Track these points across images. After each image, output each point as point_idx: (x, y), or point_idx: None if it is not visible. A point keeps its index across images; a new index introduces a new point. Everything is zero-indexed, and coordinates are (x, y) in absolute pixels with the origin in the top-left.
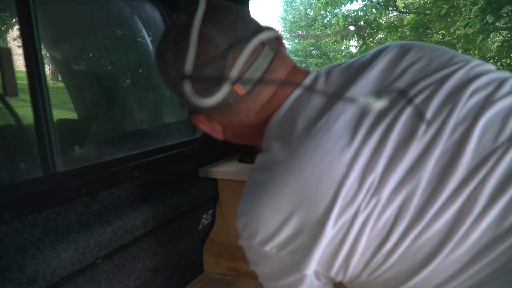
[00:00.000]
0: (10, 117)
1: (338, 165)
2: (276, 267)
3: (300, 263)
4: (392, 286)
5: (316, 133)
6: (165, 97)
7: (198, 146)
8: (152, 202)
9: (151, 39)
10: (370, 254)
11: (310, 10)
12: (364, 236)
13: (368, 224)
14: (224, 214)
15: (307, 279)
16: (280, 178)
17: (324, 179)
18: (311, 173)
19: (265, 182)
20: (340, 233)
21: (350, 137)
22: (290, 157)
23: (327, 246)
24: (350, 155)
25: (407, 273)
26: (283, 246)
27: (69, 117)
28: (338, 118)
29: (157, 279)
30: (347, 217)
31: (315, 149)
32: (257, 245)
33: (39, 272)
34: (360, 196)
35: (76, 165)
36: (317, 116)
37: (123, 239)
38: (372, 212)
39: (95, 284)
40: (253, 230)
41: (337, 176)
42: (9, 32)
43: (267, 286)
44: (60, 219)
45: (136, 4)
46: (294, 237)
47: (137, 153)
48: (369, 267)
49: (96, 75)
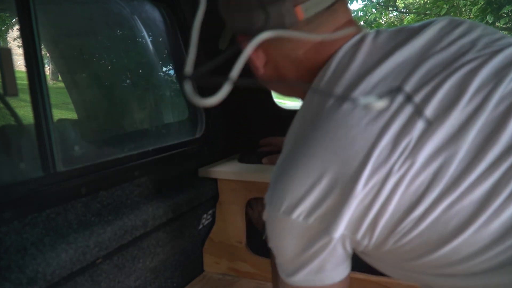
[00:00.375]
0: (10, 117)
1: (373, 127)
2: (303, 236)
3: (329, 226)
4: (418, 256)
5: (355, 96)
6: (165, 97)
7: (198, 146)
8: (152, 202)
9: (151, 39)
10: (399, 218)
11: None
12: (395, 199)
13: (400, 187)
14: (224, 214)
15: (332, 244)
16: (315, 140)
17: (358, 140)
18: (345, 135)
19: (299, 146)
20: (370, 194)
21: (388, 101)
22: (326, 119)
23: (356, 207)
24: (386, 118)
25: (435, 242)
26: (311, 211)
27: (69, 117)
28: (378, 83)
29: (157, 279)
30: (379, 177)
31: (352, 112)
32: (283, 214)
33: (39, 272)
34: (393, 158)
35: (76, 165)
36: (358, 78)
37: (123, 239)
38: (405, 174)
39: (95, 284)
40: (280, 197)
41: (371, 137)
42: (9, 32)
43: (287, 265)
44: (60, 219)
45: (136, 4)
46: (323, 199)
47: (137, 153)
48: (396, 232)
49: (96, 75)
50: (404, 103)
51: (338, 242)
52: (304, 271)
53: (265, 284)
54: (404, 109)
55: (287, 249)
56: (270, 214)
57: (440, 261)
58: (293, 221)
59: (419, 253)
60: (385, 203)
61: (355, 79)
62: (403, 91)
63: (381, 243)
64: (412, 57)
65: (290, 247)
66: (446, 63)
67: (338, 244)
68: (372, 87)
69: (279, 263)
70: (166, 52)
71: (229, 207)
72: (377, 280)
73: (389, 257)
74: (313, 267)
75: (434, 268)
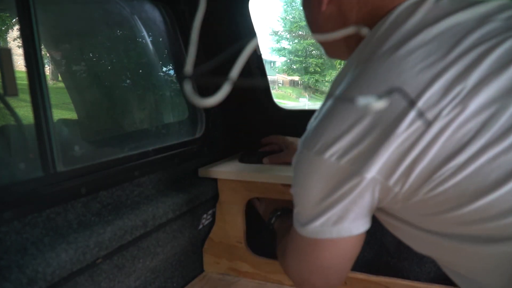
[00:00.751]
0: (10, 117)
1: (426, 74)
2: (331, 177)
3: (361, 167)
4: (449, 209)
5: (411, 45)
6: (165, 97)
7: (198, 146)
8: (152, 202)
9: (151, 39)
10: (438, 164)
11: None
12: (438, 143)
13: (446, 132)
14: (224, 214)
15: (361, 187)
16: (363, 81)
17: (409, 83)
18: (397, 77)
19: (344, 88)
20: (412, 136)
21: (445, 52)
22: (378, 63)
23: (395, 149)
24: (442, 66)
25: (471, 194)
26: (346, 152)
27: (69, 117)
28: (436, 36)
29: (157, 279)
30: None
31: (406, 58)
32: (315, 154)
33: (39, 272)
34: (443, 103)
35: (76, 165)
36: (416, 30)
37: (123, 239)
38: (453, 120)
39: (95, 284)
40: (316, 136)
41: (423, 82)
42: (9, 32)
43: (306, 212)
44: (60, 219)
45: (136, 4)
46: (361, 139)
47: (137, 153)
48: (432, 179)
49: (96, 75)
50: (460, 56)
51: (368, 187)
52: (323, 218)
53: (265, 284)
54: (461, 60)
55: (311, 192)
56: (300, 155)
57: (470, 216)
58: (324, 161)
59: (451, 205)
60: (427, 147)
61: (414, 30)
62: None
63: (413, 192)
64: (473, 19)
65: (316, 189)
66: (507, 28)
67: (367, 189)
68: (429, 40)
69: (296, 212)
70: (166, 52)
71: (229, 207)
72: (377, 280)
73: (416, 211)
74: (333, 214)
75: (461, 226)
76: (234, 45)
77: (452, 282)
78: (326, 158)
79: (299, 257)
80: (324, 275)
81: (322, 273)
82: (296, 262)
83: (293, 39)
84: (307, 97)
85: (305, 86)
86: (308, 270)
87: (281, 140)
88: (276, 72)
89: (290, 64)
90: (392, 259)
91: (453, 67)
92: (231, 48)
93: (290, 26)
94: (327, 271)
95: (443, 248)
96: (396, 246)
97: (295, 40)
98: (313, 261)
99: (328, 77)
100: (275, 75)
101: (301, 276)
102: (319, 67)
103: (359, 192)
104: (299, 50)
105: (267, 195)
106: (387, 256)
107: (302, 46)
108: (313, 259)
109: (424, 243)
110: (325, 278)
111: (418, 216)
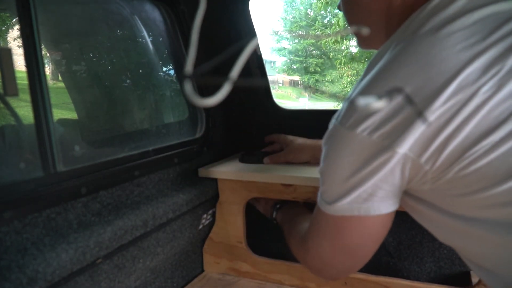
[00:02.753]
0: (10, 117)
1: (467, 53)
2: (362, 152)
3: (393, 142)
4: (481, 189)
5: (452, 27)
6: (165, 97)
7: (198, 146)
8: (152, 202)
9: (151, 39)
10: (472, 142)
11: (310, 10)
12: (473, 120)
13: (482, 109)
14: (224, 214)
15: (392, 163)
16: (402, 56)
17: (449, 60)
18: (437, 54)
19: (383, 64)
20: (448, 112)
21: (485, 35)
22: (419, 41)
23: (429, 125)
24: (482, 47)
25: (504, 174)
26: (379, 126)
27: (69, 117)
28: (478, 21)
29: (157, 279)
30: (462, 96)
31: (447, 38)
32: (347, 128)
33: (39, 272)
34: (482, 80)
35: (76, 164)
36: (459, 14)
37: (123, 239)
38: (491, 97)
39: (95, 284)
40: (349, 110)
41: (463, 60)
42: (9, 32)
43: (334, 189)
44: (60, 219)
45: (136, 4)
46: (395, 114)
47: (137, 153)
48: (465, 157)
49: (96, 75)
50: (501, 39)
51: (399, 163)
52: (352, 195)
53: (265, 284)
54: (501, 43)
55: (341, 168)
56: (332, 131)
57: (502, 197)
58: (356, 135)
59: (482, 185)
60: (462, 123)
61: (455, 15)
62: (502, 29)
63: (444, 170)
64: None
65: (346, 164)
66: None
67: (398, 166)
68: (470, 24)
69: (323, 191)
70: (166, 52)
71: (229, 207)
72: (377, 280)
73: (445, 192)
74: (363, 191)
75: (492, 208)
76: (234, 45)
77: (452, 282)
78: (358, 133)
79: (324, 238)
80: (349, 256)
81: (347, 254)
82: (319, 244)
83: (293, 39)
84: (307, 97)
85: (305, 86)
86: (332, 252)
87: (284, 139)
88: (276, 72)
89: (290, 64)
90: (392, 259)
91: (492, 48)
92: (231, 48)
93: (290, 26)
94: (353, 252)
95: (470, 237)
96: (396, 246)
97: (295, 40)
98: (339, 241)
99: (328, 77)
100: (275, 75)
101: (324, 259)
102: (319, 67)
103: (389, 169)
104: (299, 50)
105: (267, 195)
106: (387, 256)
107: (302, 46)
108: (339, 239)
109: (450, 231)
110: (350, 260)
111: (446, 197)
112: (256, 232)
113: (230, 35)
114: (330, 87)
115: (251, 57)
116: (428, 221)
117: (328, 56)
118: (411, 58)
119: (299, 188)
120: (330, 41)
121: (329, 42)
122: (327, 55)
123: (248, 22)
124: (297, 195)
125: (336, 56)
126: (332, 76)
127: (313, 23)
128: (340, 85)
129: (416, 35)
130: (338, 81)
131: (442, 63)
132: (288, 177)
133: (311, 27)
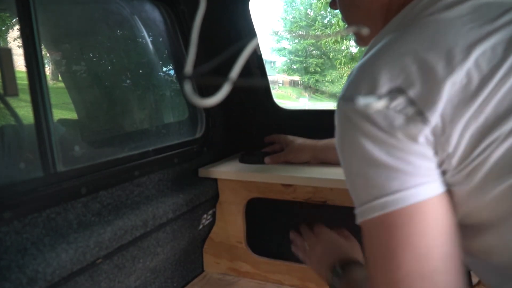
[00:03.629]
0: (10, 117)
1: (477, 32)
2: None
3: (423, 112)
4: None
5: (458, 9)
6: (165, 97)
7: (198, 146)
8: (152, 202)
9: (151, 39)
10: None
11: (310, 10)
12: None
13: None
14: (224, 214)
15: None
16: (411, 31)
17: (460, 36)
18: (447, 27)
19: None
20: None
21: (493, 18)
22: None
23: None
24: (491, 28)
25: None
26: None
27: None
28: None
29: (157, 279)
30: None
31: (455, 19)
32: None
33: (39, 272)
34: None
35: (76, 165)
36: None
37: (123, 239)
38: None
39: (95, 284)
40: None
41: (474, 37)
42: (9, 32)
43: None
44: (60, 219)
45: (136, 4)
46: (412, 81)
47: (137, 153)
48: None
49: (96, 75)
50: (510, 22)
51: (425, 143)
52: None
53: (265, 284)
54: (509, 26)
55: (372, 160)
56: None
57: None
58: None
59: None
60: (483, 103)
61: (458, 1)
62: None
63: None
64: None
65: (375, 154)
66: None
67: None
68: (476, 8)
69: (360, 203)
70: (166, 52)
71: (229, 207)
72: None
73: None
74: (401, 175)
75: None
76: (234, 45)
77: None
78: None
79: (382, 258)
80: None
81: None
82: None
83: (293, 39)
84: (307, 97)
85: (305, 86)
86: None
87: (284, 139)
88: (276, 72)
89: (290, 64)
90: None
91: (501, 30)
92: (231, 48)
93: (290, 26)
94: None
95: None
96: None
97: (295, 40)
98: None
99: (328, 77)
100: (275, 75)
101: None
102: (319, 67)
103: (416, 152)
104: (299, 50)
105: (267, 195)
106: None
107: (302, 46)
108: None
109: None
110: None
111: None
112: (256, 232)
113: (230, 35)
114: (330, 87)
115: (251, 57)
116: None
117: (328, 56)
118: (417, 38)
119: (299, 188)
120: (330, 41)
121: (329, 42)
122: (327, 55)
123: (248, 22)
124: (297, 195)
125: (336, 56)
126: (332, 76)
127: (313, 23)
128: (340, 85)
129: (419, 17)
130: (338, 81)
131: (454, 37)
132: (288, 177)
133: (311, 27)
